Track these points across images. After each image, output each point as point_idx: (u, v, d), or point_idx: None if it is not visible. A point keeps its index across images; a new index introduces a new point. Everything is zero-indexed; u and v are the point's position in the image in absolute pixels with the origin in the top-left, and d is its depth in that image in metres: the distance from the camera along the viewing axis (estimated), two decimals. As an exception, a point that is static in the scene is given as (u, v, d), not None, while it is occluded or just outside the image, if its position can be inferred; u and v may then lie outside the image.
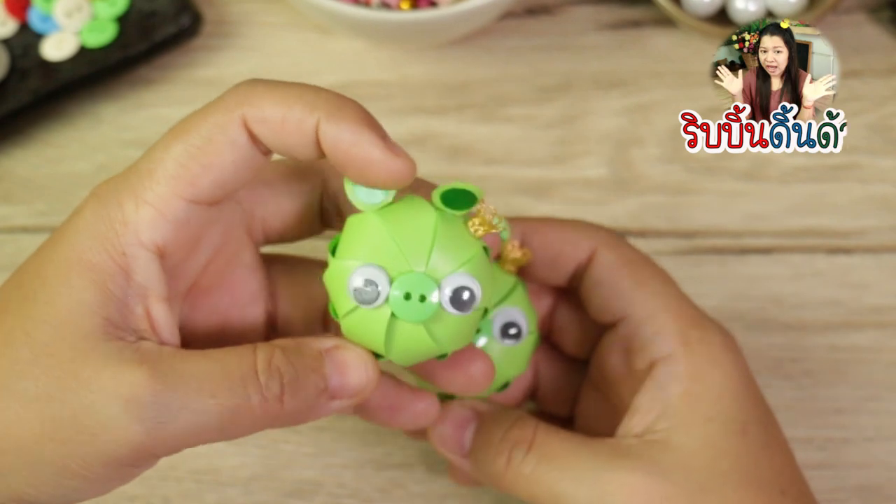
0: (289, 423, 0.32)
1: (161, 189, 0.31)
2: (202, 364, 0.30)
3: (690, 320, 0.36)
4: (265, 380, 0.30)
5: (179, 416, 0.29)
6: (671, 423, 0.34)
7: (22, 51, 0.51)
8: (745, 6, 0.51)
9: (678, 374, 0.34)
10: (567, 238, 0.37)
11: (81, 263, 0.30)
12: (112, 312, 0.30)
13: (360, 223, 0.32)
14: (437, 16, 0.47)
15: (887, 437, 0.44)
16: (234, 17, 0.54)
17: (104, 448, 0.29)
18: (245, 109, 0.31)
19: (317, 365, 0.31)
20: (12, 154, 0.51)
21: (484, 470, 0.36)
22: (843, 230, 0.48)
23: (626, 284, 0.36)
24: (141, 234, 0.31)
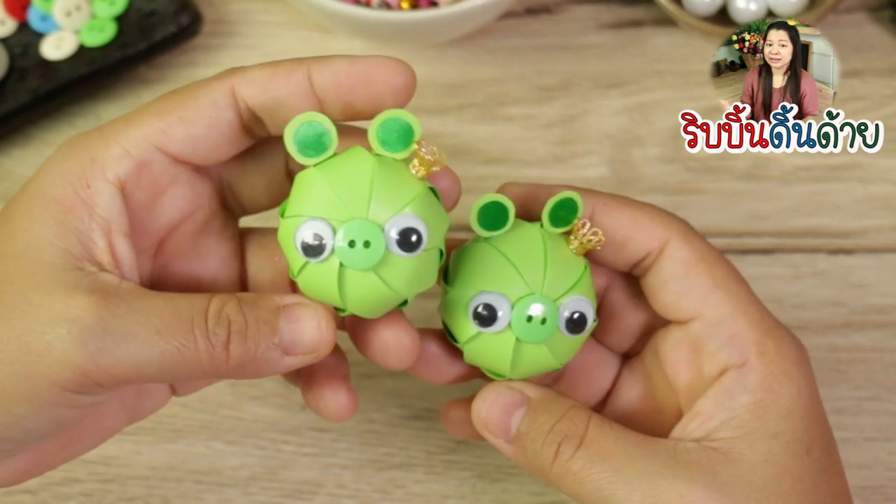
0: (240, 374, 0.32)
1: (133, 133, 0.32)
2: (154, 301, 0.31)
3: (767, 328, 0.34)
4: (213, 325, 0.31)
5: (122, 345, 0.30)
6: (735, 434, 0.33)
7: (21, 50, 0.51)
8: (746, 6, 0.51)
9: (751, 384, 0.33)
10: (640, 223, 0.35)
11: (45, 198, 0.31)
12: (72, 244, 0.31)
13: (303, 180, 0.32)
14: (437, 16, 0.47)
15: (888, 437, 0.44)
16: (233, 17, 0.54)
17: (48, 370, 0.30)
18: (234, 77, 0.33)
19: (271, 318, 0.32)
20: (12, 154, 0.51)
21: (529, 459, 0.34)
22: (844, 230, 0.48)
23: (702, 283, 0.34)
24: (106, 170, 0.32)
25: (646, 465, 0.32)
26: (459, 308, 0.33)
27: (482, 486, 0.43)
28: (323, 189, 0.31)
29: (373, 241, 0.31)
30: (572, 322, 0.33)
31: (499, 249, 0.33)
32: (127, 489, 0.43)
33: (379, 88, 0.33)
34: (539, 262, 0.33)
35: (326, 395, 0.36)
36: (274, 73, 0.33)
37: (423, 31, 0.50)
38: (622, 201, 0.35)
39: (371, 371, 0.46)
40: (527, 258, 0.33)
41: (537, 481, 0.43)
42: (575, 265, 0.34)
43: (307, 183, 0.32)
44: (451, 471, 0.44)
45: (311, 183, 0.32)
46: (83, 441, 0.37)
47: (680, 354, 0.35)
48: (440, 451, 0.44)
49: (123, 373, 0.30)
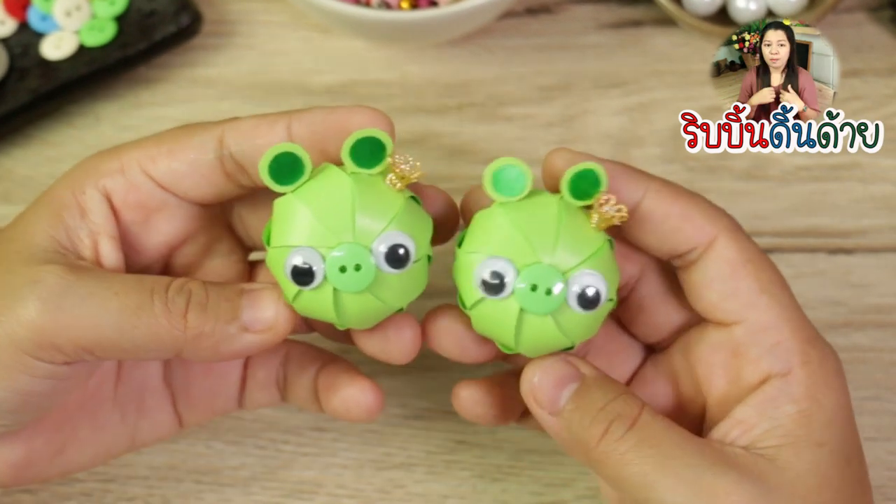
0: (197, 349, 0.33)
1: (133, 154, 0.35)
2: (121, 274, 0.34)
3: (809, 337, 0.34)
4: (173, 294, 0.33)
5: (80, 305, 0.32)
6: (781, 442, 0.32)
7: (21, 50, 0.51)
8: (746, 5, 0.51)
9: (795, 394, 0.33)
10: (691, 215, 0.34)
11: (48, 196, 0.35)
12: (61, 235, 0.34)
13: (283, 207, 0.33)
14: (437, 15, 0.47)
15: (888, 437, 0.44)
16: (233, 17, 0.54)
17: (9, 331, 0.32)
18: (226, 125, 0.35)
19: (233, 296, 0.33)
20: (12, 153, 0.51)
21: (574, 434, 0.33)
22: (844, 230, 0.48)
23: (748, 286, 0.34)
24: (99, 180, 0.35)
25: (695, 458, 0.31)
26: (468, 273, 0.33)
27: (482, 486, 0.43)
28: (305, 216, 0.32)
29: (363, 264, 0.31)
30: (583, 298, 0.32)
31: (512, 216, 0.32)
32: (127, 489, 0.43)
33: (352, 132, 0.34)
34: (551, 231, 0.32)
35: (350, 392, 0.37)
36: (258, 124, 0.35)
37: (423, 31, 0.50)
38: (675, 190, 0.34)
39: (371, 371, 0.46)
40: (539, 227, 0.32)
41: (537, 481, 0.43)
42: (592, 239, 0.32)
43: (288, 210, 0.32)
44: (451, 471, 0.44)
45: (293, 210, 0.32)
46: (79, 448, 0.37)
47: (717, 358, 0.35)
48: (440, 451, 0.44)
49: (81, 333, 0.32)
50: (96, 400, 0.38)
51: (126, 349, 0.33)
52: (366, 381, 0.38)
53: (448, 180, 0.50)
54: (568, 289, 0.32)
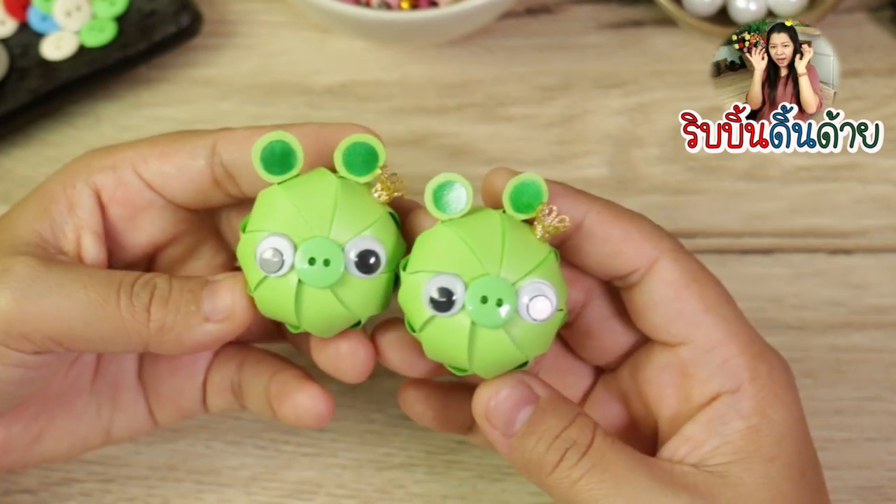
0: (161, 341, 0.34)
1: (126, 153, 0.36)
2: (92, 268, 0.34)
3: (758, 352, 0.34)
4: (138, 289, 0.33)
5: (47, 295, 0.33)
6: (730, 459, 0.32)
7: (21, 50, 0.51)
8: (746, 6, 0.51)
9: (744, 410, 0.33)
10: (631, 238, 0.34)
11: (40, 189, 0.36)
12: (45, 229, 0.35)
13: (266, 197, 0.33)
14: (438, 16, 0.47)
15: (888, 437, 0.44)
16: (233, 17, 0.54)
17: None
18: (220, 134, 0.35)
19: (195, 288, 0.34)
20: (11, 153, 0.51)
21: (527, 458, 0.33)
22: (844, 230, 0.48)
23: (692, 306, 0.33)
24: (90, 176, 0.35)
25: (646, 482, 0.31)
26: (415, 293, 0.32)
27: (482, 486, 0.43)
28: (286, 206, 0.32)
29: (332, 260, 0.31)
30: (535, 307, 0.31)
31: (457, 232, 0.32)
32: (127, 489, 0.43)
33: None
34: (497, 244, 0.32)
35: (300, 398, 0.37)
36: (252, 134, 0.35)
37: (423, 31, 0.50)
38: (616, 212, 0.34)
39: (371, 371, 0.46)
40: (484, 241, 0.32)
41: (537, 481, 0.43)
42: (538, 250, 0.32)
43: (270, 200, 0.32)
44: (451, 471, 0.44)
45: (275, 200, 0.32)
46: (56, 438, 0.38)
47: (666, 378, 0.35)
48: (440, 451, 0.44)
49: (49, 323, 0.33)
50: (74, 391, 0.38)
51: (93, 341, 0.33)
52: (315, 388, 0.38)
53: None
54: (518, 299, 0.31)
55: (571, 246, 0.34)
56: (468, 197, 0.32)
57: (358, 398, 0.45)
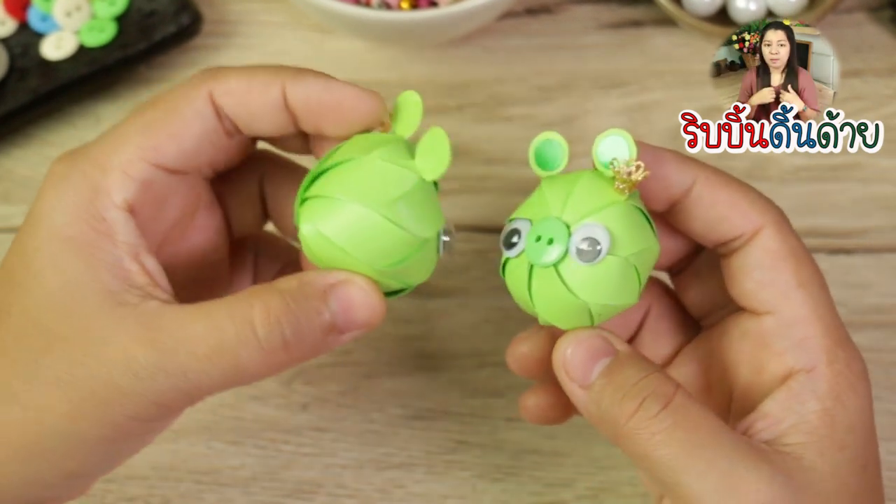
0: (298, 362, 0.32)
1: (127, 154, 0.32)
2: (198, 327, 0.31)
3: (839, 338, 0.33)
4: (265, 334, 0.31)
5: (183, 380, 0.31)
6: (806, 440, 0.32)
7: (21, 50, 0.51)
8: (746, 6, 0.51)
9: (819, 391, 0.32)
10: (739, 204, 0.34)
11: (64, 241, 0.31)
12: (107, 280, 0.31)
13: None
14: (437, 16, 0.47)
15: (888, 437, 0.44)
16: (233, 17, 0.54)
17: (121, 409, 0.31)
18: (211, 84, 0.33)
19: (321, 307, 0.31)
20: (11, 154, 0.51)
21: (604, 409, 0.32)
22: (844, 230, 0.48)
23: (786, 278, 0.33)
24: (114, 197, 0.32)
25: (727, 448, 0.30)
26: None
27: (482, 485, 0.43)
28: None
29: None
30: (581, 249, 0.31)
31: (545, 185, 0.33)
32: (127, 489, 0.43)
33: (347, 115, 0.33)
34: (569, 193, 0.32)
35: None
36: (250, 85, 0.33)
37: (423, 31, 0.50)
38: (724, 178, 0.34)
39: (371, 371, 0.46)
40: (561, 191, 0.33)
41: (537, 481, 0.43)
42: (607, 197, 0.32)
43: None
44: (451, 471, 0.44)
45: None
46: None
47: (746, 346, 0.34)
48: (440, 451, 0.44)
49: (193, 398, 0.32)
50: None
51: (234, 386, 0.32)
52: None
53: (448, 180, 0.50)
54: (571, 240, 0.32)
55: (680, 210, 0.34)
56: (563, 154, 0.33)
57: (358, 398, 0.45)
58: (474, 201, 0.49)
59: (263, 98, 0.33)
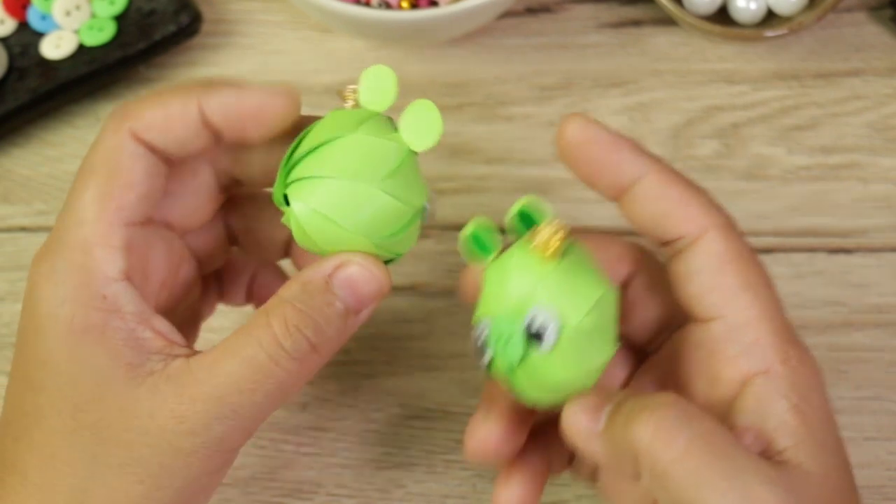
0: (331, 355, 0.33)
1: (99, 227, 0.32)
2: (231, 365, 0.31)
3: (790, 338, 0.32)
4: (290, 345, 0.31)
5: (236, 419, 0.31)
6: (794, 443, 0.31)
7: (21, 50, 0.51)
8: (747, 5, 0.51)
9: (782, 390, 0.31)
10: (687, 204, 0.33)
11: (75, 333, 0.32)
12: (128, 355, 0.32)
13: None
14: (437, 15, 0.47)
15: (888, 437, 0.44)
16: (233, 16, 0.54)
17: (198, 469, 0.32)
18: (129, 124, 0.33)
19: (330, 298, 0.32)
20: (11, 153, 0.51)
21: (618, 440, 0.30)
22: (844, 230, 0.48)
23: (731, 281, 0.33)
24: (107, 272, 0.32)
25: (744, 464, 0.29)
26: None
27: (482, 485, 0.43)
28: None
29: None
30: (534, 339, 0.31)
31: (488, 275, 0.32)
32: (127, 489, 0.43)
33: (265, 117, 0.33)
34: (508, 277, 0.32)
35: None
36: (166, 114, 0.33)
37: (423, 31, 0.50)
38: (677, 177, 0.34)
39: (371, 371, 0.46)
40: (501, 276, 0.32)
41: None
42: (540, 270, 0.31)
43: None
44: (451, 471, 0.44)
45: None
46: None
47: (697, 358, 0.34)
48: (440, 451, 0.44)
49: (249, 433, 0.32)
50: None
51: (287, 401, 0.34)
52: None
53: (448, 180, 0.50)
54: (526, 331, 0.31)
55: (629, 201, 0.34)
56: (494, 237, 0.33)
57: (358, 398, 0.45)
58: (474, 201, 0.49)
59: (182, 122, 0.33)
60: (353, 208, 0.32)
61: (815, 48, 0.52)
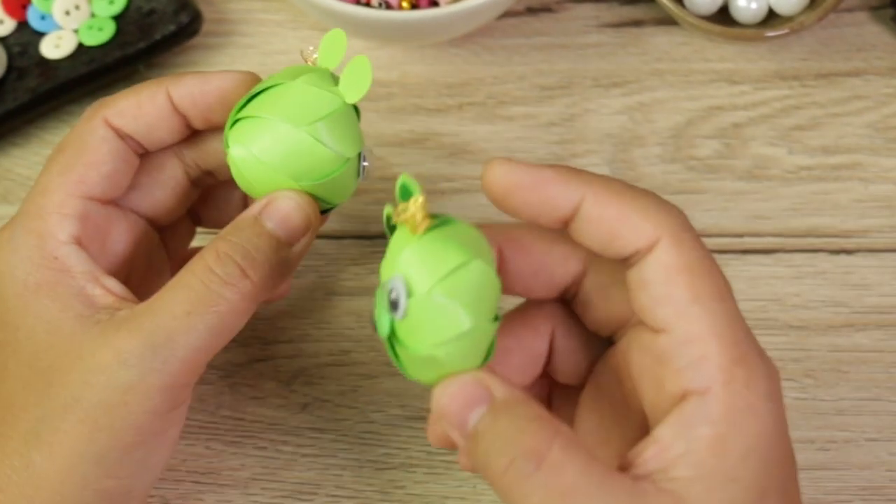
0: (270, 287, 0.35)
1: (58, 196, 0.35)
2: (166, 295, 0.34)
3: (739, 355, 0.31)
4: (220, 269, 0.34)
5: (172, 349, 0.33)
6: (693, 474, 0.30)
7: (20, 49, 0.51)
8: (747, 5, 0.50)
9: (712, 416, 0.30)
10: (629, 219, 0.32)
11: (31, 290, 0.35)
12: (78, 307, 0.34)
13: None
14: (437, 15, 0.47)
15: (889, 437, 0.44)
16: (233, 16, 0.54)
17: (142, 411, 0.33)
18: (103, 112, 0.37)
19: (258, 229, 0.35)
20: (11, 153, 0.51)
21: (480, 460, 0.31)
22: (845, 230, 0.48)
23: (680, 295, 0.31)
24: (58, 235, 0.35)
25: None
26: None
27: (482, 486, 0.43)
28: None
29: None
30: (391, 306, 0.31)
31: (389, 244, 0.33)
32: (126, 490, 0.43)
33: (229, 100, 0.37)
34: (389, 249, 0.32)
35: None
36: (138, 101, 0.37)
37: (423, 31, 0.50)
38: (614, 193, 0.32)
39: (371, 371, 0.46)
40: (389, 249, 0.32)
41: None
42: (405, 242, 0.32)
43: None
44: (451, 471, 0.44)
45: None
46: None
47: (647, 361, 0.33)
48: (440, 452, 0.44)
49: (189, 366, 0.34)
50: None
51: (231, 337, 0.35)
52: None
53: (448, 180, 0.50)
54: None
55: (573, 230, 0.33)
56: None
57: (358, 398, 0.45)
58: (474, 201, 0.49)
59: (152, 108, 0.37)
60: (279, 149, 0.35)
61: (816, 48, 0.52)
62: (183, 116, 0.37)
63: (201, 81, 0.37)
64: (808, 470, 0.42)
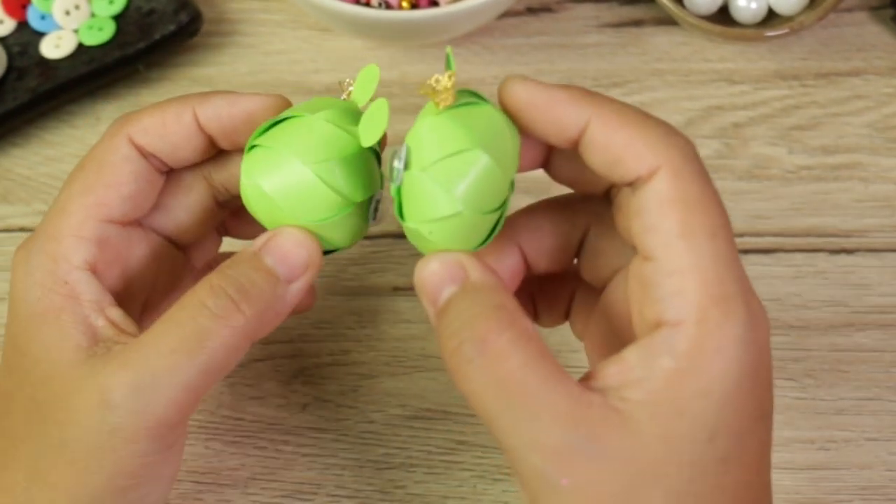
0: (263, 325, 0.33)
1: (76, 218, 0.34)
2: (156, 330, 0.32)
3: (720, 294, 0.30)
4: (212, 302, 0.32)
5: (156, 389, 0.31)
6: (643, 398, 0.30)
7: (20, 49, 0.51)
8: (747, 4, 0.50)
9: (677, 350, 0.30)
10: (634, 146, 0.31)
11: (39, 316, 0.33)
12: (78, 338, 0.33)
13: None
14: (437, 15, 0.47)
15: (889, 437, 0.44)
16: (233, 16, 0.54)
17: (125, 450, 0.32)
18: (127, 129, 0.35)
19: (257, 264, 0.33)
20: (10, 153, 0.51)
21: (439, 339, 0.31)
22: (845, 230, 0.48)
23: (669, 226, 0.31)
24: (71, 260, 0.34)
25: (539, 408, 0.29)
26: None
27: (482, 486, 0.43)
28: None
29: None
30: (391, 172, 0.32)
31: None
32: (126, 490, 0.43)
33: (258, 123, 0.35)
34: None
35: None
36: (163, 118, 0.35)
37: (423, 31, 0.50)
38: (623, 116, 0.32)
39: (371, 371, 0.46)
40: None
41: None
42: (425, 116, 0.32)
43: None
44: (451, 471, 0.44)
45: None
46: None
47: (635, 286, 0.32)
48: (440, 451, 0.44)
49: (176, 405, 0.32)
50: None
51: (224, 375, 0.33)
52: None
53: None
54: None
55: (581, 151, 0.32)
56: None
57: (358, 398, 0.45)
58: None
59: (178, 126, 0.35)
60: (284, 184, 0.33)
61: (815, 48, 0.52)
62: (208, 136, 0.36)
63: (229, 103, 0.35)
64: (808, 470, 0.42)
